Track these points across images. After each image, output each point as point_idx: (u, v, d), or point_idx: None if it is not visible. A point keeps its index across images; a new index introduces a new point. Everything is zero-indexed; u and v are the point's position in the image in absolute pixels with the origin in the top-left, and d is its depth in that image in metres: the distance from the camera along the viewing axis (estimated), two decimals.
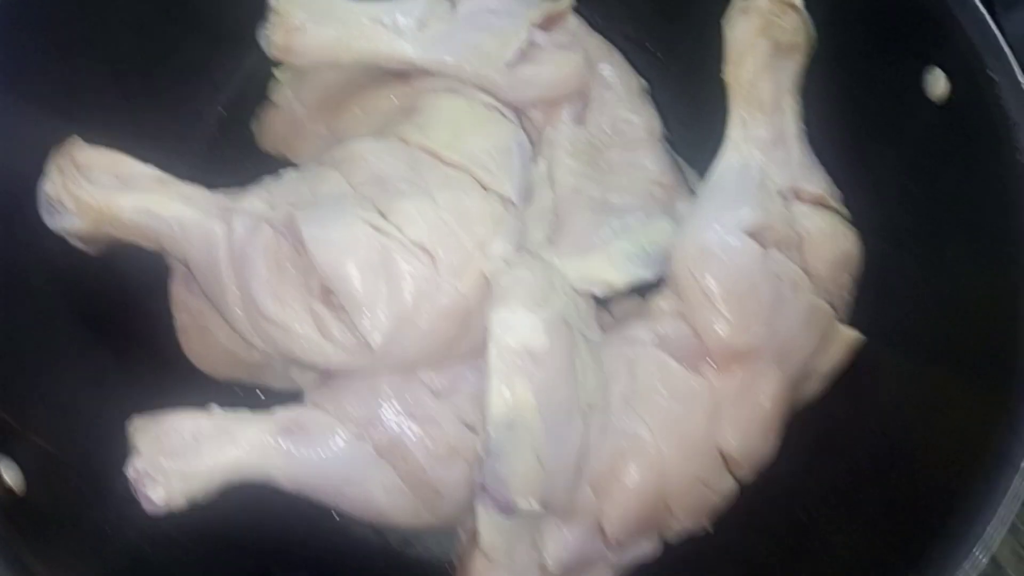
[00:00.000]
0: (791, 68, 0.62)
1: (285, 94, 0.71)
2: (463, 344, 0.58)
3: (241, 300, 0.58)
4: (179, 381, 0.67)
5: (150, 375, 0.67)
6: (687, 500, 0.57)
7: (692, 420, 0.57)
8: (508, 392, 0.51)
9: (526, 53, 0.64)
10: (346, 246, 0.56)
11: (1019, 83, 0.51)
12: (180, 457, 0.56)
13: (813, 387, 0.61)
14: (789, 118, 0.62)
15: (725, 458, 0.58)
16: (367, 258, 0.55)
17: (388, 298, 0.55)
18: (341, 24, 0.62)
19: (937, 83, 0.56)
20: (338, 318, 0.57)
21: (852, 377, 0.61)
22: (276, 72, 0.73)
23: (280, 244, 0.58)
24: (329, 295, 0.57)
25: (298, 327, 0.57)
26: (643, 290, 0.62)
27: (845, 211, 0.62)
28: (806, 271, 0.59)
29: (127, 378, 0.65)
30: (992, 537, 0.47)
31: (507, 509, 0.52)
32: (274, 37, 0.61)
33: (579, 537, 0.56)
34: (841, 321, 0.61)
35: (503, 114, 0.64)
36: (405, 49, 0.63)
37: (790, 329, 0.57)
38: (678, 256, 0.58)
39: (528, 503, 0.52)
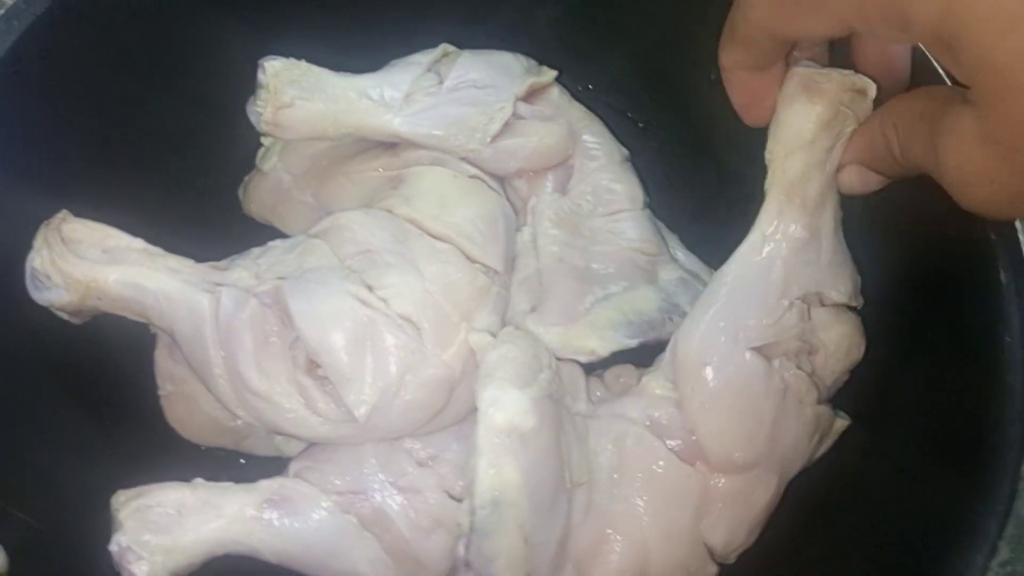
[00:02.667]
0: (840, 154, 0.54)
1: (272, 162, 0.72)
2: (448, 413, 0.59)
3: (227, 372, 0.58)
4: (163, 450, 0.67)
5: (134, 444, 0.66)
6: None
7: (679, 509, 0.55)
8: (495, 472, 0.51)
9: (511, 125, 0.65)
10: (332, 320, 0.56)
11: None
12: (164, 532, 0.56)
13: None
14: (829, 213, 0.55)
15: (710, 549, 0.57)
16: (353, 331, 0.56)
17: (373, 371, 0.56)
18: (329, 99, 0.63)
19: None
20: (324, 390, 0.57)
21: (837, 457, 0.61)
22: (264, 140, 0.74)
23: (266, 316, 0.58)
24: (315, 367, 0.57)
25: (283, 400, 0.57)
26: (636, 358, 0.62)
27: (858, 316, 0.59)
28: (812, 377, 0.56)
29: (111, 448, 0.65)
30: None
31: None
32: (264, 113, 0.62)
33: None
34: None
35: (488, 185, 0.65)
36: (392, 123, 0.63)
37: (793, 441, 0.56)
38: (680, 354, 0.56)
39: None
